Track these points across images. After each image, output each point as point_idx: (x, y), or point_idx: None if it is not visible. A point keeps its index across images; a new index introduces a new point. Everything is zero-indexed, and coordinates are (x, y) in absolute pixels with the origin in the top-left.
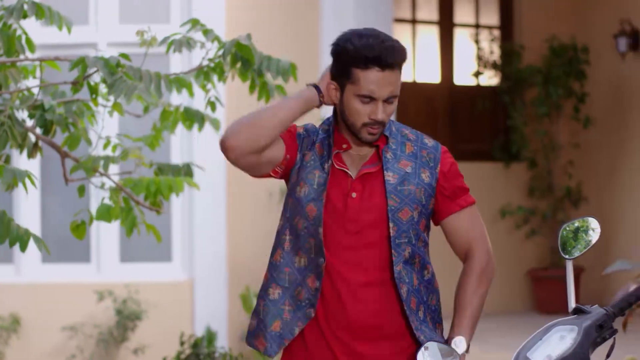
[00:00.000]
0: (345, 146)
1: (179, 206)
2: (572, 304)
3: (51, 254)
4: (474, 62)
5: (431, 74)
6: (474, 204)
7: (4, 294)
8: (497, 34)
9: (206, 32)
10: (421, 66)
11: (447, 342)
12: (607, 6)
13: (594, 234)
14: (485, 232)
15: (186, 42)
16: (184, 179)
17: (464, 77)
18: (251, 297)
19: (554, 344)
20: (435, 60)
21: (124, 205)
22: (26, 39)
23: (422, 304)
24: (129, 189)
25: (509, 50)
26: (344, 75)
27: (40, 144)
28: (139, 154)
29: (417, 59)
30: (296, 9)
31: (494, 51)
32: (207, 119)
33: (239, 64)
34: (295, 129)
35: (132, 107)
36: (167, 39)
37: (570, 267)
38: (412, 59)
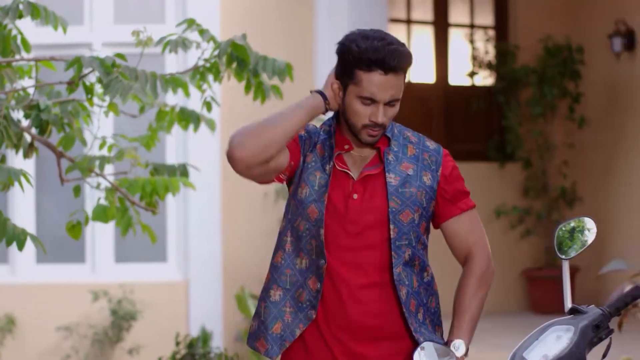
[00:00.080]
0: (346, 147)
1: (174, 206)
2: (568, 304)
3: (46, 254)
4: (469, 62)
5: (426, 74)
6: (474, 207)
7: None
8: (491, 34)
9: (202, 32)
10: (416, 66)
11: (447, 344)
12: (602, 6)
13: (590, 234)
14: (485, 236)
15: (182, 43)
16: (180, 179)
17: (458, 77)
18: (246, 298)
19: (551, 344)
20: (430, 60)
21: (120, 205)
22: (22, 39)
23: (422, 306)
24: (125, 189)
25: (504, 50)
26: (347, 75)
27: (35, 144)
28: (135, 154)
29: None
30: (291, 9)
31: (488, 51)
32: (203, 120)
33: (234, 64)
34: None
35: (128, 107)
36: (163, 39)
37: (566, 267)
38: None
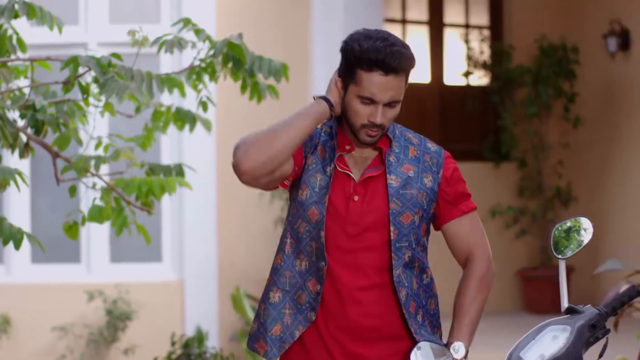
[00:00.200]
0: (348, 147)
1: (169, 206)
2: (564, 303)
3: (41, 254)
4: (464, 62)
5: (421, 74)
6: (475, 209)
7: None
8: (487, 34)
9: (198, 31)
10: None
11: (447, 346)
12: (597, 6)
13: (586, 234)
14: (485, 238)
15: (177, 42)
16: (176, 179)
17: (453, 77)
18: (241, 298)
19: (547, 343)
20: (425, 60)
21: (115, 205)
22: (17, 39)
23: (421, 308)
24: (121, 189)
25: (499, 50)
26: (348, 74)
27: (31, 144)
28: (131, 155)
29: None
30: (286, 9)
31: (483, 51)
32: (199, 120)
33: (230, 64)
34: None
35: (124, 107)
36: (158, 39)
37: (562, 266)
38: None
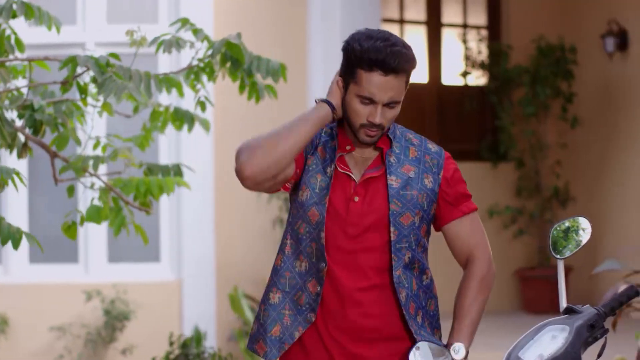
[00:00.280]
0: (348, 148)
1: (167, 206)
2: (563, 303)
3: (39, 254)
4: (462, 62)
5: (419, 74)
6: (476, 210)
7: None
8: (484, 34)
9: (196, 31)
10: None
11: (447, 347)
12: (595, 6)
13: (585, 234)
14: (486, 239)
15: (176, 42)
16: (174, 179)
17: (451, 77)
18: (239, 298)
19: (546, 343)
20: (422, 60)
21: (114, 205)
22: (15, 39)
23: (421, 309)
24: (119, 189)
25: (497, 50)
26: (349, 73)
27: (29, 144)
28: (129, 154)
29: None
30: (284, 9)
31: (481, 51)
32: (197, 120)
33: (228, 64)
34: None
35: (122, 107)
36: (156, 39)
37: (561, 266)
38: None
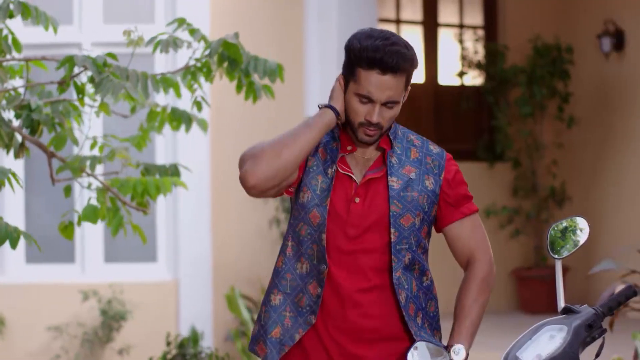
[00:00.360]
0: (350, 148)
1: (164, 206)
2: (561, 303)
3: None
4: (458, 62)
5: (415, 74)
6: (476, 212)
7: None
8: (481, 34)
9: (193, 31)
10: None
11: (447, 349)
12: (591, 6)
13: (582, 234)
14: (487, 240)
15: (173, 42)
16: (171, 179)
17: (448, 77)
18: (236, 298)
19: (544, 343)
20: (419, 60)
21: (111, 205)
22: (12, 38)
23: (421, 310)
24: (116, 189)
25: (493, 50)
26: (349, 72)
27: (26, 144)
28: (126, 155)
29: None
30: (280, 9)
31: (478, 51)
32: (195, 120)
33: (225, 64)
34: None
35: (119, 107)
36: (153, 39)
37: (559, 266)
38: None
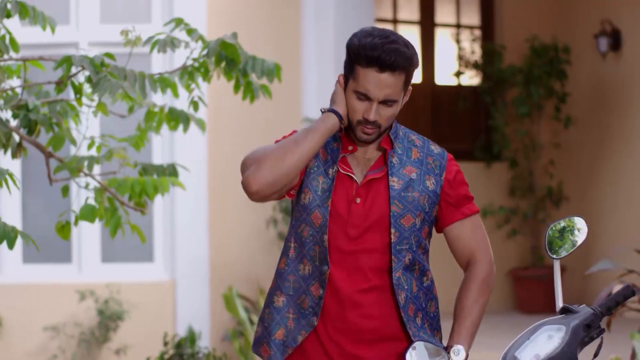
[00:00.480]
0: (351, 148)
1: (161, 206)
2: (559, 303)
3: (33, 254)
4: (455, 62)
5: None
6: (477, 212)
7: None
8: (478, 33)
9: (190, 31)
10: None
11: (447, 349)
12: (588, 6)
13: (580, 234)
14: (487, 241)
15: (170, 42)
16: (169, 179)
17: (445, 77)
18: (234, 298)
19: (542, 343)
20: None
21: (109, 205)
22: (10, 38)
23: (421, 310)
24: (114, 189)
25: (490, 50)
26: (349, 70)
27: (24, 144)
28: (124, 155)
29: None
30: (277, 9)
31: (475, 51)
32: (193, 120)
33: (223, 64)
34: None
35: (116, 107)
36: (151, 38)
37: (557, 266)
38: None
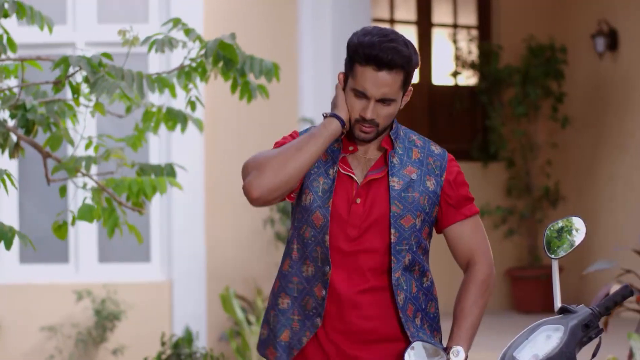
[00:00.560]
0: (351, 149)
1: (158, 206)
2: (558, 303)
3: (30, 254)
4: (452, 62)
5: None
6: (478, 213)
7: None
8: (475, 34)
9: (188, 31)
10: None
11: (446, 351)
12: (585, 6)
13: (578, 234)
14: (487, 242)
15: (168, 42)
16: (166, 179)
17: (442, 77)
18: (231, 298)
19: (541, 343)
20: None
21: (107, 205)
22: (7, 38)
23: (420, 311)
24: (112, 190)
25: (487, 50)
26: (348, 68)
27: (21, 145)
28: (121, 155)
29: None
30: (274, 9)
31: (472, 51)
32: (190, 120)
33: (221, 64)
34: None
35: (113, 107)
36: (149, 38)
37: (555, 266)
38: None
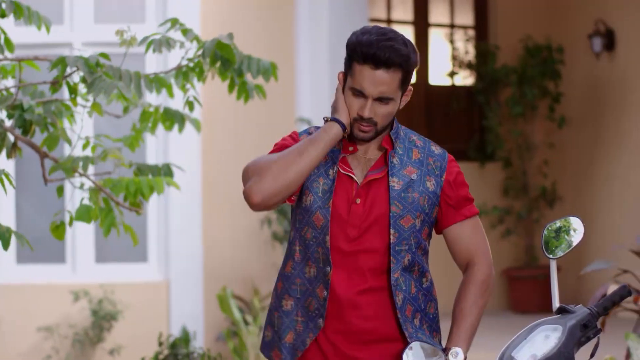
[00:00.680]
0: (351, 149)
1: (155, 207)
2: (556, 303)
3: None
4: (449, 62)
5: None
6: (477, 214)
7: None
8: (472, 34)
9: (185, 31)
10: None
11: (445, 351)
12: (582, 6)
13: (576, 234)
14: (487, 243)
15: (166, 42)
16: (164, 179)
17: (439, 77)
18: (228, 298)
19: (539, 343)
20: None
21: (104, 205)
22: (5, 38)
23: (419, 311)
24: (109, 190)
25: (484, 50)
26: (347, 67)
27: (19, 145)
28: (119, 155)
29: None
30: (271, 9)
31: (469, 51)
32: (188, 120)
33: (218, 64)
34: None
35: (111, 108)
36: (146, 38)
37: (553, 266)
38: None
